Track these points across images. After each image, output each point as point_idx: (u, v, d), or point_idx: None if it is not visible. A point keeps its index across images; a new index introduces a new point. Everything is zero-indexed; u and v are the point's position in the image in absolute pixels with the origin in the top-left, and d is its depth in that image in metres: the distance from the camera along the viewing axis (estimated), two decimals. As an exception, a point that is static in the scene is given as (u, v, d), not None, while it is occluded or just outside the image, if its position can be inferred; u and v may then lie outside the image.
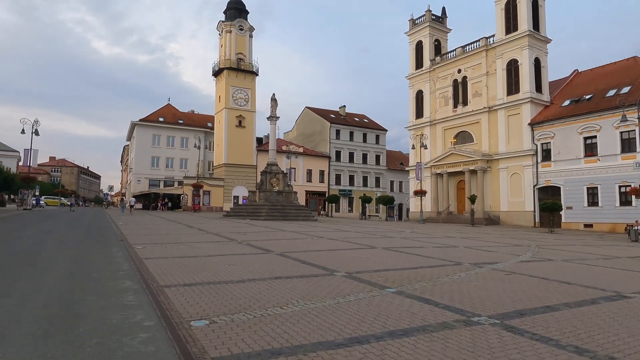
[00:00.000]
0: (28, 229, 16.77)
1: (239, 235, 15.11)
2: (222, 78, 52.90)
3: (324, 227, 23.19)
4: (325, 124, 60.62)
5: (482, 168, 39.66)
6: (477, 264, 9.35)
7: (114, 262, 8.44)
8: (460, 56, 43.46)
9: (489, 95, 40.60)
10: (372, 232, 20.35)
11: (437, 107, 45.97)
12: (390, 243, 14.25)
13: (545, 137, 35.63)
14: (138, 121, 56.52)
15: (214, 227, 19.39)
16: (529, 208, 36.37)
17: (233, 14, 53.68)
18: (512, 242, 17.16)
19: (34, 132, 35.95)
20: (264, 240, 13.50)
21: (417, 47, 48.77)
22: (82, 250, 10.36)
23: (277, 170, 33.73)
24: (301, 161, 55.80)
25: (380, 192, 60.80)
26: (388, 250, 11.89)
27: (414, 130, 47.51)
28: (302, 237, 15.21)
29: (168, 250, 10.58)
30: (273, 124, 33.86)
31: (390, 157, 66.60)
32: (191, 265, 8.15)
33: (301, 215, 31.47)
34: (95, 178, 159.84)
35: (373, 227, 25.14)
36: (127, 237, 13.70)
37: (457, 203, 43.68)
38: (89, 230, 16.94)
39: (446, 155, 42.96)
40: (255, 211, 30.55)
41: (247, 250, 10.88)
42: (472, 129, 42.12)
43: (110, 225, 20.13)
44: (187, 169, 56.70)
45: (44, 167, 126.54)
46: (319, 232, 18.24)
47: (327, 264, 8.74)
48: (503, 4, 39.36)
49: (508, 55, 38.88)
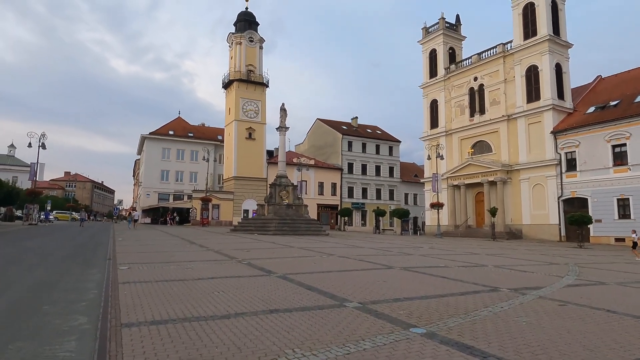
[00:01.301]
0: (14, 246, 15.64)
1: (241, 253, 13.71)
2: (232, 90, 52.24)
3: (335, 242, 21.67)
4: (337, 136, 59.37)
5: (501, 179, 37.77)
6: (517, 290, 7.76)
7: (81, 289, 7.10)
8: (476, 63, 41.97)
9: (508, 103, 38.91)
10: (387, 248, 18.77)
11: (452, 116, 44.38)
12: (408, 262, 12.69)
13: (570, 145, 33.70)
14: (148, 134, 56.04)
15: (216, 243, 18.05)
16: (554, 221, 34.28)
17: (243, 25, 53.26)
18: (544, 259, 15.42)
19: (41, 145, 35.39)
20: (267, 259, 12.07)
21: (430, 55, 47.48)
22: (54, 272, 9.07)
23: (287, 182, 32.42)
24: (312, 174, 54.47)
25: (394, 205, 59.02)
26: (407, 270, 10.34)
27: (429, 141, 45.91)
28: (310, 255, 13.73)
29: (154, 272, 9.21)
30: (283, 135, 32.70)
31: (404, 169, 64.90)
32: (173, 293, 6.76)
33: (312, 230, 29.99)
34: (109, 193, 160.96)
35: (388, 243, 23.52)
36: (118, 255, 12.43)
37: (475, 216, 41.70)
38: (80, 247, 15.76)
39: (463, 166, 41.18)
40: (263, 225, 29.18)
41: (245, 272, 9.46)
42: (491, 138, 40.36)
43: (109, 241, 18.95)
44: (196, 183, 55.81)
45: (58, 182, 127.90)
46: (329, 249, 16.74)
47: (337, 289, 7.26)
48: (520, 8, 37.92)
49: (527, 62, 37.27)
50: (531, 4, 37.11)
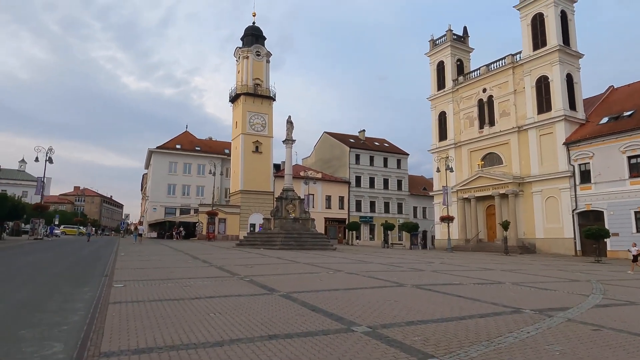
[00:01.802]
0: (10, 262, 15.21)
1: (244, 269, 13.13)
2: (239, 104, 52.26)
3: (342, 257, 20.99)
4: (344, 149, 58.96)
5: (513, 192, 36.89)
6: (541, 311, 7.08)
7: (67, 310, 6.57)
8: (485, 75, 41.49)
9: (518, 115, 38.25)
10: (397, 263, 18.05)
11: (461, 128, 43.77)
12: (420, 278, 12.00)
13: (583, 157, 32.85)
14: (155, 148, 56.11)
15: (220, 259, 17.49)
16: (569, 235, 33.24)
17: (250, 40, 53.55)
18: (564, 275, 14.62)
19: (48, 159, 35.40)
20: (270, 276, 11.47)
21: (438, 67, 47.15)
22: (43, 291, 8.57)
23: (293, 196, 31.89)
24: (320, 187, 53.94)
25: (402, 219, 58.13)
26: (420, 288, 9.68)
27: (438, 153, 45.24)
28: (316, 271, 13.10)
29: (150, 290, 8.67)
30: (289, 147, 32.31)
31: (412, 182, 64.14)
32: (165, 314, 6.19)
33: (319, 244, 29.32)
34: (117, 207, 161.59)
35: (398, 258, 22.77)
36: (116, 271, 11.93)
37: (486, 230, 40.73)
38: (79, 263, 15.30)
39: (473, 178, 40.40)
40: (269, 240, 28.59)
41: (246, 290, 8.87)
42: (501, 150, 39.61)
43: (110, 256, 18.49)
44: (203, 197, 55.54)
45: (68, 196, 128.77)
46: (336, 264, 16.09)
47: (344, 310, 6.65)
48: (529, 19, 37.52)
49: (537, 72, 36.70)
50: (540, 15, 36.70)
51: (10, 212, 29.68)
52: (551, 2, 35.93)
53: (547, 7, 36.23)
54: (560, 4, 36.30)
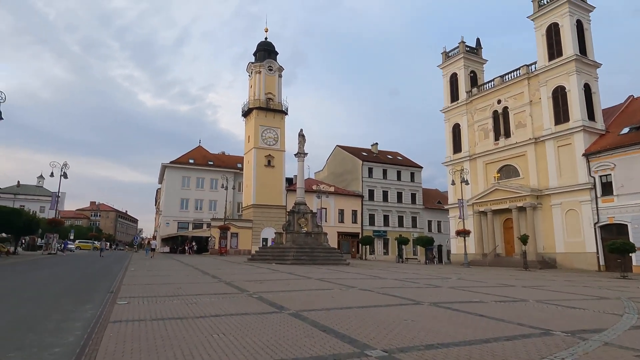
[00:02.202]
0: (17, 277, 15.03)
1: (254, 285, 12.68)
2: (251, 118, 52.48)
3: (356, 272, 20.40)
4: (356, 162, 58.54)
5: (531, 205, 35.89)
6: (573, 333, 6.47)
7: (64, 330, 6.22)
8: (500, 86, 40.91)
9: (535, 126, 37.46)
10: (412, 279, 17.40)
11: (476, 140, 43.06)
12: (438, 295, 11.40)
13: (604, 168, 31.83)
14: (168, 163, 56.49)
15: (230, 274, 17.08)
16: (591, 249, 32.04)
17: (262, 55, 54.00)
18: (590, 292, 13.82)
19: (63, 175, 35.70)
20: (280, 292, 11.00)
21: (451, 79, 46.74)
22: (43, 309, 8.26)
23: (306, 209, 31.48)
24: (332, 201, 53.47)
25: (417, 233, 57.15)
26: (438, 307, 9.10)
27: (452, 166, 44.50)
28: (329, 287, 12.58)
29: (154, 308, 8.29)
30: (301, 161, 32.05)
31: (426, 196, 63.22)
32: (165, 335, 5.79)
33: (331, 259, 28.73)
34: (132, 222, 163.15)
35: (413, 273, 22.06)
36: (123, 287, 11.61)
37: (504, 244, 39.64)
38: (86, 279, 15.07)
39: (489, 191, 39.51)
40: (281, 254, 28.13)
41: (254, 308, 8.42)
42: (517, 162, 38.74)
43: (120, 271, 18.24)
44: (216, 211, 55.50)
45: (84, 211, 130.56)
46: (350, 280, 15.54)
47: (357, 331, 6.16)
48: (544, 29, 36.99)
49: (553, 82, 36.00)
50: (555, 25, 36.17)
51: (25, 227, 29.84)
52: (566, 12, 35.41)
53: (562, 17, 35.71)
54: (576, 14, 35.74)
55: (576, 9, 35.86)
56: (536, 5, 37.95)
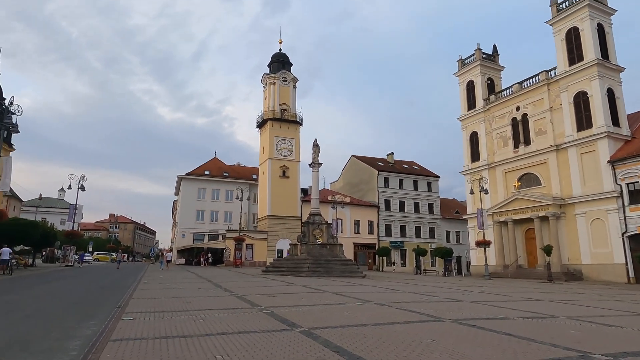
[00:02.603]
0: (26, 290, 14.87)
1: (266, 299, 12.21)
2: (266, 129, 52.53)
3: (372, 285, 19.74)
4: (372, 172, 57.89)
5: (554, 214, 34.66)
6: (615, 356, 5.81)
7: (59, 350, 5.85)
8: (518, 93, 39.99)
9: (556, 133, 36.37)
10: (431, 292, 16.68)
11: (495, 148, 42.06)
12: (459, 311, 10.72)
13: (631, 175, 30.56)
14: (184, 175, 56.82)
15: (242, 287, 16.66)
16: (619, 260, 30.63)
17: (277, 66, 54.22)
18: (624, 307, 12.92)
19: (80, 187, 36.07)
20: (292, 307, 10.50)
21: (467, 87, 45.98)
22: (44, 325, 7.94)
23: (320, 220, 30.97)
24: (348, 211, 52.83)
25: (435, 244, 55.94)
26: (461, 324, 8.46)
27: (471, 175, 43.51)
28: (344, 302, 12.02)
29: (159, 325, 7.89)
30: (315, 171, 31.65)
31: (444, 206, 62.01)
32: (165, 356, 5.37)
33: (347, 271, 28.08)
34: (150, 234, 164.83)
35: (432, 285, 21.27)
36: (131, 301, 11.29)
37: (526, 255, 38.33)
38: (96, 292, 14.84)
39: (510, 200, 38.39)
40: (296, 266, 27.62)
41: (264, 324, 7.94)
42: (538, 170, 37.60)
43: (132, 284, 18.00)
44: (231, 222, 55.43)
45: (103, 223, 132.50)
46: (366, 294, 14.94)
47: (373, 353, 5.63)
48: (563, 34, 36.10)
49: (574, 88, 34.97)
50: (575, 29, 35.26)
51: (43, 239, 30.07)
52: (586, 16, 34.51)
53: (582, 21, 34.80)
54: (596, 17, 34.80)
55: (597, 13, 34.93)
56: (554, 10, 37.12)
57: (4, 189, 23.93)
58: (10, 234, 25.06)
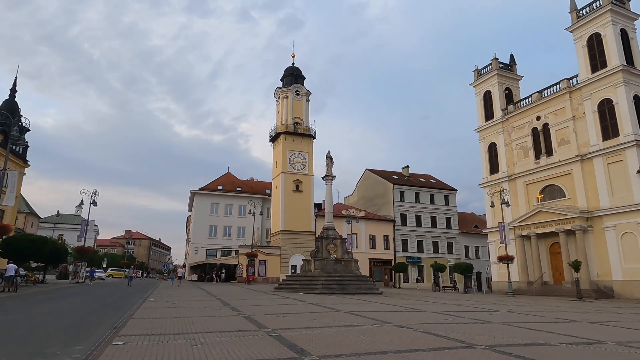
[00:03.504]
0: (26, 309, 14.12)
1: (275, 320, 11.21)
2: (279, 143, 52.04)
3: (390, 304, 18.53)
4: (387, 186, 56.71)
5: (581, 227, 32.94)
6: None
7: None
8: (538, 102, 38.71)
9: (579, 142, 34.88)
10: (455, 311, 15.42)
11: (515, 159, 40.62)
12: (490, 334, 9.54)
13: (664, 186, 28.82)
14: (197, 190, 56.49)
15: (252, 306, 15.68)
16: (654, 276, 28.71)
17: (290, 80, 54.02)
18: (676, 330, 11.50)
19: (92, 202, 35.83)
20: (303, 330, 9.47)
21: (484, 97, 44.86)
22: (26, 350, 7.12)
23: (334, 235, 29.90)
24: (363, 226, 51.59)
25: (453, 259, 54.17)
26: (495, 351, 7.33)
27: (490, 187, 42.01)
28: (360, 323, 10.93)
29: (150, 351, 6.98)
30: (329, 184, 30.73)
31: (462, 220, 60.25)
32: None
33: (363, 288, 26.84)
34: (165, 250, 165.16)
35: (454, 304, 19.93)
36: (130, 322, 10.44)
37: (551, 270, 36.50)
38: (98, 311, 14.06)
39: (533, 213, 36.77)
40: (309, 283, 26.52)
41: (269, 352, 6.96)
42: (562, 181, 36.00)
43: (138, 302, 17.19)
44: (244, 238, 54.64)
45: (119, 240, 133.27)
46: (384, 313, 13.81)
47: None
48: (585, 40, 34.91)
49: (598, 95, 33.59)
50: (596, 35, 34.07)
51: (53, 255, 29.64)
52: (608, 21, 33.34)
53: (604, 26, 33.61)
54: (619, 23, 33.59)
55: (619, 18, 33.71)
56: (574, 17, 36.02)
57: (9, 203, 23.63)
58: (19, 250, 24.63)
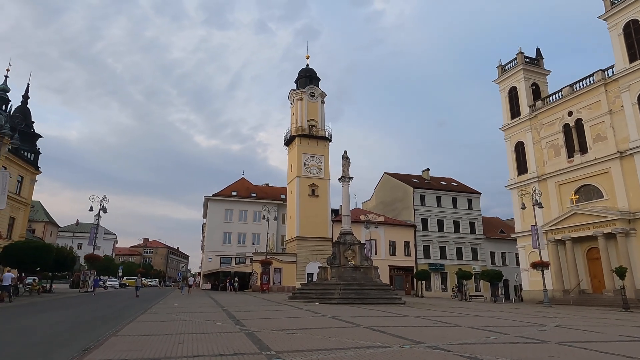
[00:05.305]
0: (15, 321, 12.57)
1: (282, 338, 9.32)
2: (293, 146, 50.41)
3: (415, 316, 16.42)
4: (407, 190, 54.36)
5: (622, 230, 30.14)
6: None
7: None
8: (569, 96, 36.06)
9: (617, 138, 32.14)
10: (493, 325, 13.26)
11: (545, 158, 37.95)
12: None
13: None
14: (211, 196, 55.22)
15: (260, 319, 13.84)
16: None
17: (304, 81, 52.51)
18: None
19: (102, 208, 34.71)
20: (314, 352, 7.53)
21: (510, 94, 42.36)
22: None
23: (352, 240, 27.89)
24: (382, 232, 49.34)
25: (479, 266, 51.35)
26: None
27: (518, 189, 39.38)
28: (385, 343, 8.91)
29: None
30: (346, 186, 28.80)
31: (487, 224, 57.33)
32: None
33: (384, 297, 24.72)
34: (183, 258, 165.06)
35: (490, 316, 17.67)
36: (110, 340, 8.73)
37: (589, 278, 33.61)
38: (83, 324, 12.44)
39: (567, 216, 34.02)
40: (325, 292, 24.55)
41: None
42: (599, 181, 33.23)
43: (136, 313, 15.55)
44: (259, 245, 52.98)
45: (137, 248, 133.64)
46: (411, 329, 11.78)
47: None
48: (620, 29, 32.31)
49: (638, 87, 30.88)
50: (634, 22, 31.45)
51: (58, 263, 28.45)
52: (647, 5, 30.72)
53: (642, 12, 31.00)
54: (660, 7, 30.92)
55: (659, 2, 31.07)
56: (608, 3, 33.47)
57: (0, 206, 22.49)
58: (20, 258, 23.42)
